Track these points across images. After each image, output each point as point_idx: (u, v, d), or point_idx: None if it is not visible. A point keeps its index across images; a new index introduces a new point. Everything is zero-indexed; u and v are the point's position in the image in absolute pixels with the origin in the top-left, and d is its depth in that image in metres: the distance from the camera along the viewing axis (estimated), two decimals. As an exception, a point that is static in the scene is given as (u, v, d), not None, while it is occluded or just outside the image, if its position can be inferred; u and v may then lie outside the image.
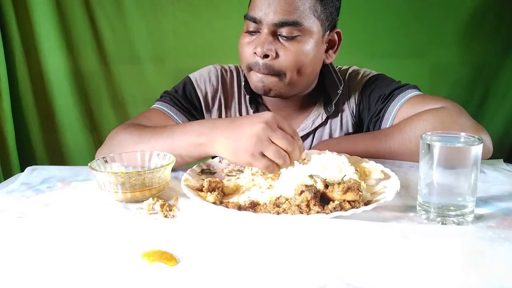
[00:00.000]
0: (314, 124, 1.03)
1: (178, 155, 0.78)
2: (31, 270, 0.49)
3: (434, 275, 0.47)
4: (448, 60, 1.89)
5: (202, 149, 0.77)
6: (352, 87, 1.05)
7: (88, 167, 0.70)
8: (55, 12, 1.72)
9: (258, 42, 0.91)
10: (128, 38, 1.82)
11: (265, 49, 0.89)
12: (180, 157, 0.80)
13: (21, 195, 0.73)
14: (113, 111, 1.89)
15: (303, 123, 1.04)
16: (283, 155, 0.70)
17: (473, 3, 1.82)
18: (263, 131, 0.69)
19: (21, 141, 1.79)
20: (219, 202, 0.66)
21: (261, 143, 0.69)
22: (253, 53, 0.92)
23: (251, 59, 0.93)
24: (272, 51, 0.90)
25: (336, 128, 1.05)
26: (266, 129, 0.69)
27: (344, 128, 1.05)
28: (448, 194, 0.60)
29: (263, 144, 0.69)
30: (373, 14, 1.81)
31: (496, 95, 1.92)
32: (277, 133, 0.70)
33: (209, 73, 1.07)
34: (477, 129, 0.85)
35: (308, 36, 0.92)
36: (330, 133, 1.05)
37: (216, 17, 1.82)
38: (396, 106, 0.94)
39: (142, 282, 0.46)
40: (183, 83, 1.07)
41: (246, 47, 0.94)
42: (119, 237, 0.57)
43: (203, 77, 1.07)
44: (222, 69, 1.09)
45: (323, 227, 0.57)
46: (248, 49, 0.94)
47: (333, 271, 0.47)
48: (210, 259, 0.50)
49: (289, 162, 0.71)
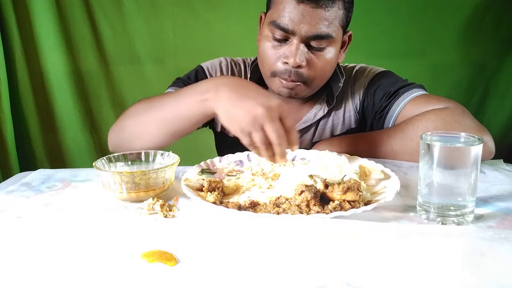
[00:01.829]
0: (316, 116, 1.04)
1: (182, 116, 0.80)
2: (30, 270, 0.49)
3: (434, 275, 0.47)
4: (448, 60, 1.89)
5: (207, 104, 0.76)
6: (358, 84, 1.06)
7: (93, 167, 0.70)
8: (55, 12, 1.72)
9: (290, 52, 0.91)
10: (128, 38, 1.82)
11: (298, 60, 0.90)
12: (184, 117, 0.80)
13: (21, 195, 0.73)
14: (113, 111, 1.89)
15: (306, 115, 1.05)
16: (266, 144, 0.71)
17: (473, 3, 1.82)
18: (261, 115, 0.69)
19: (21, 141, 1.79)
20: (219, 202, 0.66)
21: (254, 124, 0.69)
22: (281, 61, 0.92)
23: (278, 66, 0.94)
24: (304, 61, 0.91)
25: (339, 122, 1.06)
26: (265, 115, 0.69)
27: (346, 123, 1.06)
28: (448, 194, 0.59)
29: (255, 127, 0.70)
30: (373, 14, 1.81)
31: (496, 95, 1.92)
32: (272, 124, 0.69)
33: (220, 64, 1.11)
34: (479, 130, 0.85)
35: (334, 45, 0.94)
36: (332, 127, 1.06)
37: (216, 17, 1.82)
38: (401, 104, 0.95)
39: (142, 282, 0.46)
40: (195, 71, 1.10)
41: (271, 54, 0.94)
42: (119, 237, 0.57)
43: (214, 67, 1.10)
44: (232, 62, 1.12)
45: (323, 227, 0.57)
46: (274, 56, 0.93)
47: (333, 271, 0.47)
48: (210, 259, 0.50)
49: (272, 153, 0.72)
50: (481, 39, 1.86)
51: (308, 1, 0.87)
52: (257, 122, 0.69)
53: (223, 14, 1.82)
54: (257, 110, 0.69)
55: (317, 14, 0.87)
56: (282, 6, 0.89)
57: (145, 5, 1.79)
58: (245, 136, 0.72)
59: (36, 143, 1.84)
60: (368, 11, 1.79)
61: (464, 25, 1.85)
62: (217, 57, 1.14)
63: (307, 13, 0.87)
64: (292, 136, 0.72)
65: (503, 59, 1.89)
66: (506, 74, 1.90)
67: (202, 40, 1.83)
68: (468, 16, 1.84)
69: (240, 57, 1.15)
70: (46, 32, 1.73)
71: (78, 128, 1.85)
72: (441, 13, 1.83)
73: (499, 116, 1.93)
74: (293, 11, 0.88)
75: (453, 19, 1.84)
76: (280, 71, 0.93)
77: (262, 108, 0.69)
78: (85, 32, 1.78)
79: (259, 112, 0.69)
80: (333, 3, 0.89)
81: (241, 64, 1.13)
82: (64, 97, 1.81)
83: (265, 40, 0.95)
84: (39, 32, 1.73)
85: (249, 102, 0.70)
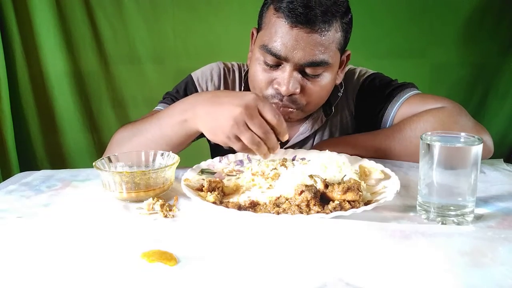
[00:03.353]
0: (313, 127, 1.02)
1: (168, 138, 0.79)
2: (30, 270, 0.49)
3: (434, 275, 0.47)
4: (448, 60, 1.89)
5: (187, 125, 0.77)
6: (349, 88, 1.04)
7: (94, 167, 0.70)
8: (55, 12, 1.72)
9: (282, 79, 0.86)
10: (128, 38, 1.82)
11: (292, 88, 0.85)
12: (170, 139, 0.80)
13: (21, 195, 0.73)
14: (113, 111, 1.89)
15: (303, 126, 1.03)
16: (257, 142, 0.70)
17: (473, 3, 1.82)
18: (241, 115, 0.68)
19: (21, 141, 1.80)
20: (219, 202, 0.66)
21: (237, 127, 0.69)
22: (272, 86, 0.89)
23: (268, 91, 0.90)
24: (298, 89, 0.86)
25: (336, 130, 1.05)
26: (244, 114, 0.68)
27: (344, 130, 1.05)
28: (448, 194, 0.59)
29: (239, 129, 0.69)
30: (373, 14, 1.81)
31: (496, 95, 1.92)
32: (254, 121, 0.68)
33: (211, 72, 1.06)
34: (478, 129, 0.85)
35: (330, 71, 0.89)
36: (330, 135, 1.04)
37: (216, 17, 1.82)
38: (395, 106, 0.94)
39: (142, 282, 0.46)
40: (185, 83, 1.06)
41: (262, 78, 0.89)
42: (119, 237, 0.57)
43: (205, 76, 1.06)
44: (225, 68, 1.07)
45: (323, 227, 0.57)
46: (265, 80, 0.89)
47: (333, 271, 0.47)
48: (210, 259, 0.50)
49: (266, 150, 0.71)
50: (481, 39, 1.86)
51: (302, 26, 0.81)
52: (239, 123, 0.68)
53: (223, 14, 1.82)
54: (234, 112, 0.68)
55: (312, 39, 0.82)
56: (274, 29, 0.84)
57: (145, 5, 1.79)
58: (234, 143, 0.71)
59: (36, 143, 1.84)
60: (368, 11, 1.79)
61: (464, 25, 1.85)
62: (216, 57, 1.13)
63: (301, 38, 0.82)
64: (279, 126, 0.70)
65: (503, 59, 1.89)
66: (506, 74, 1.90)
67: (202, 41, 1.83)
68: (468, 16, 1.84)
69: (235, 62, 1.10)
70: (46, 32, 1.73)
71: (78, 128, 1.85)
72: (441, 13, 1.83)
73: (499, 116, 1.93)
74: (286, 36, 0.82)
75: (453, 19, 1.84)
76: (271, 96, 0.89)
77: (239, 108, 0.68)
78: (85, 32, 1.78)
79: (236, 113, 0.68)
80: (329, 27, 0.83)
81: (235, 71, 1.07)
82: (64, 97, 1.81)
83: (255, 63, 0.90)
84: (39, 32, 1.73)
85: (225, 108, 0.69)
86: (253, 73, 0.92)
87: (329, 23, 0.83)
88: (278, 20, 0.84)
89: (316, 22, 0.81)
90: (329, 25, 0.83)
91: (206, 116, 0.73)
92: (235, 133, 0.70)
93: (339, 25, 0.85)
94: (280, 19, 0.83)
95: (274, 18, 0.85)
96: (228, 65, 1.08)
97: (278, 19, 0.84)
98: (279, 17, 0.83)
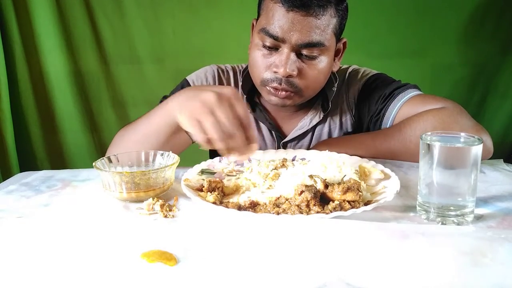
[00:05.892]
0: (311, 122, 1.03)
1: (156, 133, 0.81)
2: (30, 270, 0.49)
3: (434, 275, 0.47)
4: (448, 60, 1.89)
5: (170, 113, 0.76)
6: (351, 86, 1.05)
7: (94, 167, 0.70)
8: (55, 12, 1.72)
9: (280, 61, 0.89)
10: (128, 38, 1.82)
11: (289, 69, 0.88)
12: (158, 134, 0.81)
13: (21, 195, 0.73)
14: (113, 111, 1.89)
15: (301, 121, 1.04)
16: (219, 130, 0.65)
17: (474, 3, 1.83)
18: (211, 99, 0.67)
19: (21, 142, 1.80)
20: (219, 202, 0.66)
21: (203, 110, 0.66)
22: (271, 70, 0.91)
23: (267, 75, 0.92)
24: (295, 71, 0.89)
25: (336, 127, 1.05)
26: (215, 99, 0.67)
27: (343, 127, 1.05)
28: (448, 194, 0.59)
29: (204, 112, 0.66)
30: (373, 14, 1.82)
31: (496, 95, 1.93)
32: (222, 109, 0.66)
33: (205, 74, 1.08)
34: (477, 130, 0.85)
35: (327, 54, 0.91)
36: (329, 132, 1.05)
37: (216, 17, 1.83)
38: (397, 106, 0.94)
39: (141, 282, 0.46)
40: (180, 86, 1.07)
41: (261, 62, 0.92)
42: (118, 237, 0.57)
43: (199, 79, 1.07)
44: (219, 69, 1.09)
45: (323, 227, 0.57)
46: (264, 65, 0.91)
47: (333, 271, 0.47)
48: (210, 259, 0.50)
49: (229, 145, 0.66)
50: (481, 39, 1.87)
51: (298, 9, 0.84)
52: (206, 105, 0.66)
53: (223, 14, 1.82)
54: (206, 96, 0.67)
55: (307, 22, 0.85)
56: (271, 13, 0.88)
57: (145, 5, 1.79)
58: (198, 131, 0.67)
59: (36, 143, 1.84)
60: (368, 11, 1.79)
61: (464, 25, 1.85)
62: (216, 57, 1.14)
63: (297, 21, 0.85)
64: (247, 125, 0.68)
65: (503, 59, 1.89)
66: (506, 74, 1.90)
67: (202, 40, 1.84)
68: (468, 16, 1.84)
69: (229, 64, 1.12)
70: (46, 32, 1.74)
71: (78, 128, 1.85)
72: (441, 13, 1.84)
73: (499, 116, 1.93)
74: (283, 19, 0.86)
75: (453, 19, 1.85)
76: (270, 80, 0.91)
77: (212, 93, 0.67)
78: (85, 32, 1.78)
79: (208, 97, 0.67)
80: (324, 11, 0.86)
81: (229, 71, 1.09)
82: (64, 97, 1.81)
83: (255, 49, 0.93)
84: (39, 32, 1.73)
85: (201, 93, 0.68)
86: (252, 59, 0.95)
87: (324, 8, 0.86)
88: (275, 5, 0.88)
89: (311, 6, 0.85)
90: (323, 10, 0.86)
91: (184, 102, 0.72)
92: (198, 115, 0.67)
93: (334, 10, 0.89)
94: (277, 4, 0.87)
95: (271, 4, 0.89)
96: (221, 67, 1.10)
97: (275, 4, 0.88)
98: (276, 3, 0.87)
